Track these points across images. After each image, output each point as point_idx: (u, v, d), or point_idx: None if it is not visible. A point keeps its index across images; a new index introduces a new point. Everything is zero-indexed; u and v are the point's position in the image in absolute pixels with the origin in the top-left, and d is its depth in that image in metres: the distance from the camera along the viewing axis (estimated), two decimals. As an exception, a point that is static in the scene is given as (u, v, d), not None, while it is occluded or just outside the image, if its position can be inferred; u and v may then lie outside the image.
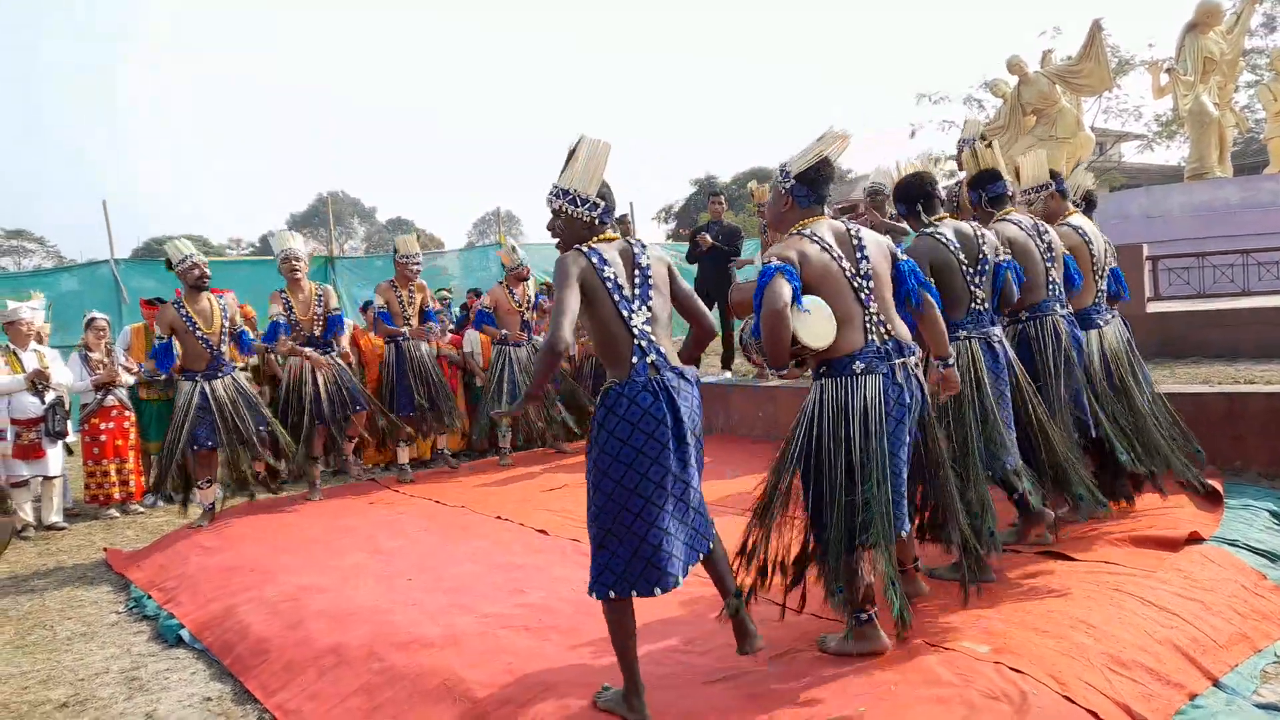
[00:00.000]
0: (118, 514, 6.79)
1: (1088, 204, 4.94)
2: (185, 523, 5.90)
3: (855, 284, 2.95)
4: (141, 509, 6.94)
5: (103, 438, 6.70)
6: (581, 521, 5.12)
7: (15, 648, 4.04)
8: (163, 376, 6.74)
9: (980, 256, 3.72)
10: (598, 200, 2.81)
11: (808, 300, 2.86)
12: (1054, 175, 4.64)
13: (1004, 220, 4.13)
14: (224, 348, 5.79)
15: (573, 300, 2.61)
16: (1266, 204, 10.94)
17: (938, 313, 3.23)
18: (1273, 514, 4.31)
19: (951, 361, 3.31)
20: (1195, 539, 3.87)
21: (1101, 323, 4.48)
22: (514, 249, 7.46)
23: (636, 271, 2.79)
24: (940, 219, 3.78)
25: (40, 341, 6.79)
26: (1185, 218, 11.25)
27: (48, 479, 6.46)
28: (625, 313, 2.70)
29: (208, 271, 5.72)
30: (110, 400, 6.75)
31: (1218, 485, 4.54)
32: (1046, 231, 4.16)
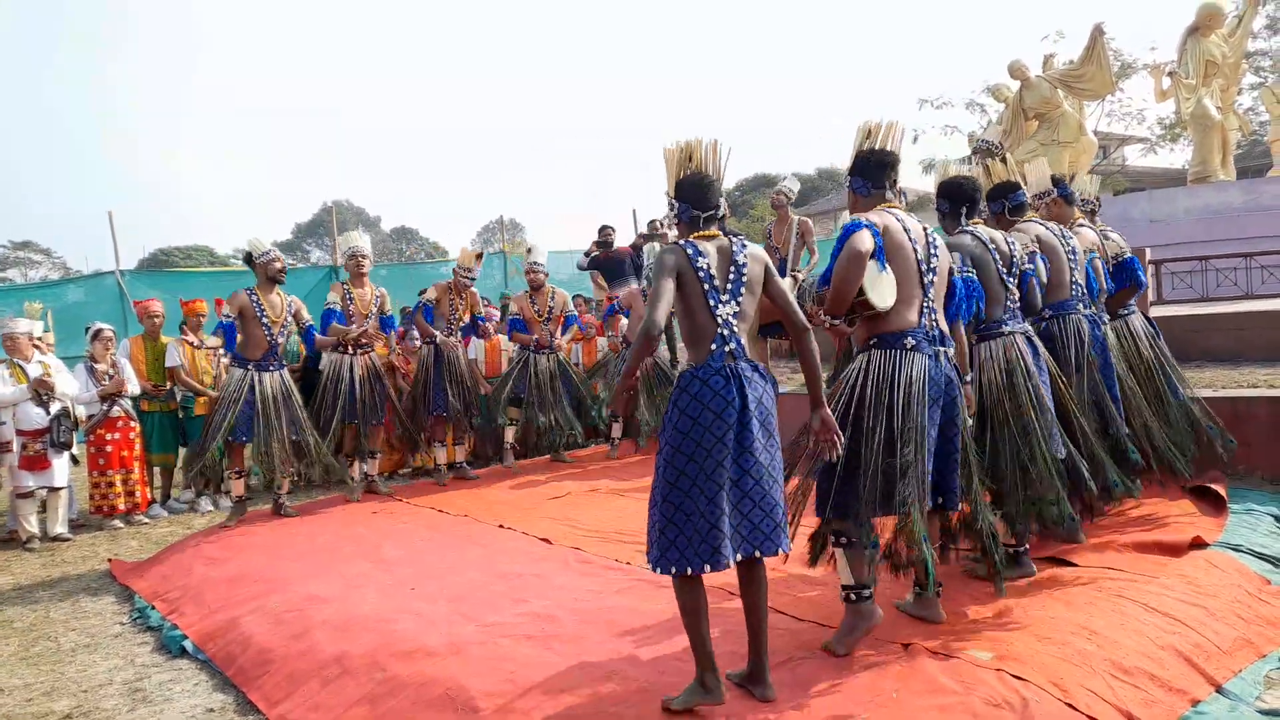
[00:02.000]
0: (122, 525, 6.79)
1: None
2: (189, 533, 5.92)
3: (922, 268, 3.17)
4: (146, 520, 6.95)
5: (108, 448, 6.72)
6: (584, 530, 5.17)
7: (19, 659, 4.05)
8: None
9: (1013, 260, 3.85)
10: (674, 201, 2.99)
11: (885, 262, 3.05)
12: (1057, 181, 4.70)
13: (1030, 222, 4.26)
14: (281, 339, 6.08)
15: (667, 290, 2.77)
16: (1270, 207, 10.92)
17: (964, 332, 3.48)
18: (1276, 519, 4.31)
19: (969, 379, 3.48)
20: (1199, 544, 3.86)
21: (1102, 323, 4.55)
22: (529, 250, 7.52)
23: (732, 268, 2.90)
24: (975, 224, 3.89)
25: (44, 351, 6.82)
26: (1188, 221, 11.23)
27: (53, 490, 6.48)
28: (713, 302, 2.83)
29: (284, 265, 6.14)
30: (116, 411, 6.77)
31: (1221, 490, 4.54)
32: (1070, 235, 4.33)
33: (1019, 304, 3.88)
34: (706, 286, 2.83)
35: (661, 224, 9.39)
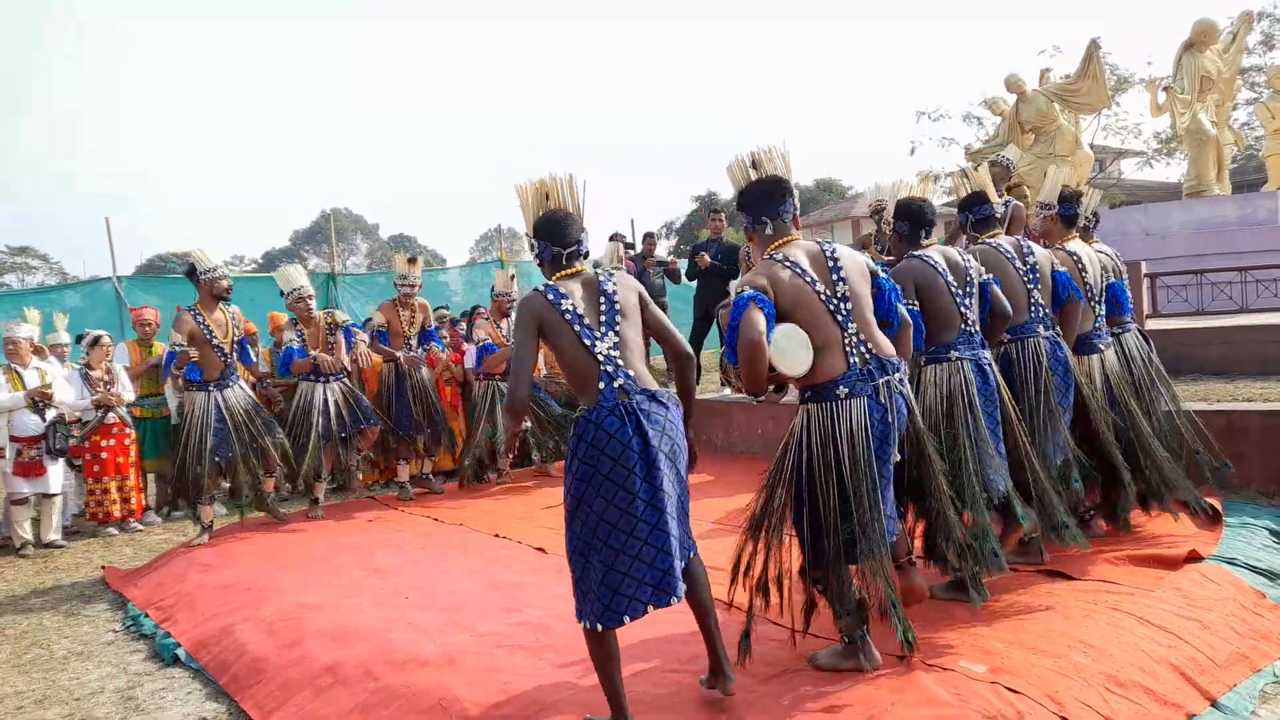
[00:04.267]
0: (117, 532, 6.78)
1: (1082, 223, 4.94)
2: (183, 541, 5.91)
3: (832, 306, 2.94)
4: (141, 526, 6.94)
5: (103, 455, 6.70)
6: (580, 539, 5.13)
7: (11, 667, 4.04)
8: (183, 381, 6.74)
9: (968, 280, 3.74)
10: (534, 241, 2.91)
11: (781, 329, 2.86)
12: (1065, 199, 4.56)
13: (982, 244, 4.14)
14: (235, 357, 5.93)
15: (526, 353, 2.74)
16: (1264, 221, 10.98)
17: (910, 334, 3.27)
18: (1271, 532, 4.31)
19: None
20: (1194, 557, 3.86)
21: (1103, 346, 4.47)
22: (512, 277, 7.41)
23: (602, 299, 2.81)
24: (929, 244, 3.80)
25: (44, 357, 6.82)
26: (1184, 235, 11.28)
27: (47, 496, 6.46)
28: (588, 341, 2.73)
29: (230, 284, 5.89)
30: (111, 418, 6.76)
31: (1217, 503, 4.54)
32: (1030, 253, 4.13)
33: (976, 327, 3.73)
34: (577, 328, 2.73)
35: (622, 237, 9.53)
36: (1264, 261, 9.53)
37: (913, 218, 3.81)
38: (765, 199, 3.02)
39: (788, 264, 2.94)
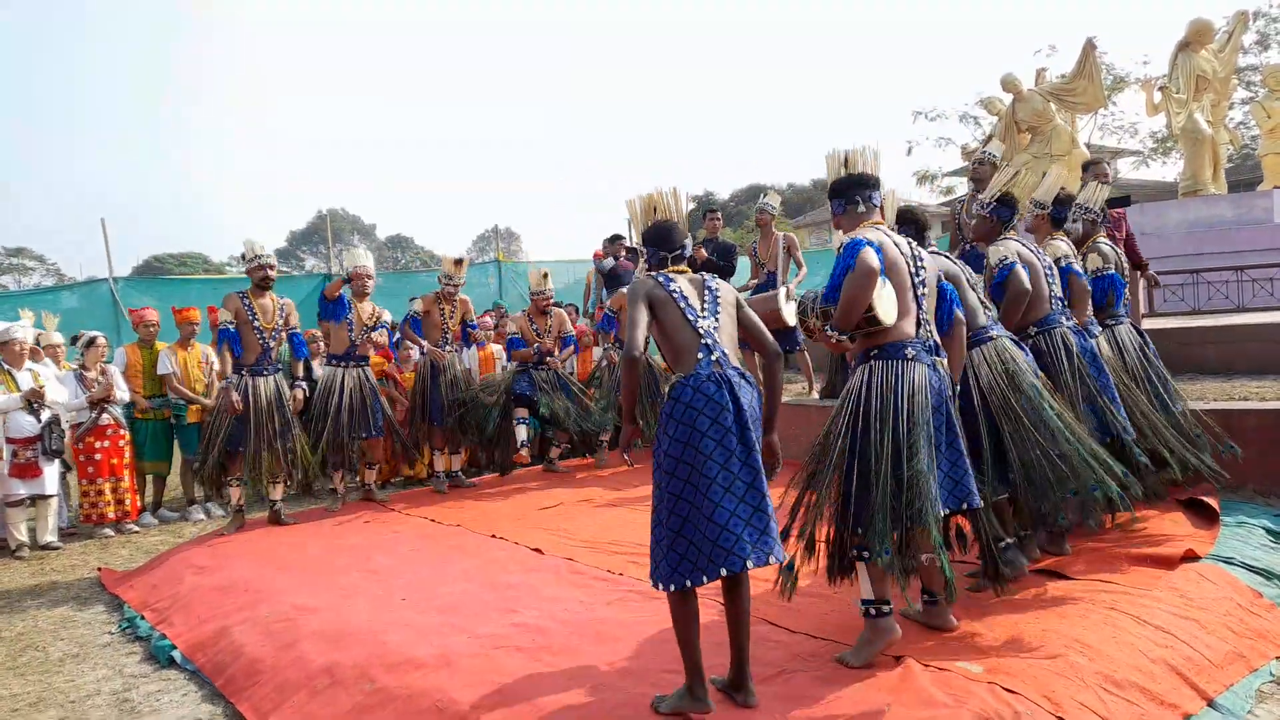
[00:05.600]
0: (112, 533, 6.76)
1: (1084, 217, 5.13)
2: (179, 541, 5.89)
3: (915, 282, 3.28)
4: (137, 528, 6.91)
5: (98, 456, 6.68)
6: (576, 540, 5.16)
7: (6, 669, 4.02)
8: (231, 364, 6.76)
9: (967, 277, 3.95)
10: (643, 248, 3.23)
11: (885, 279, 3.12)
12: (1060, 202, 4.79)
13: (1006, 239, 4.33)
14: (274, 343, 6.13)
15: (640, 315, 2.95)
16: (1260, 220, 11.00)
17: (964, 336, 3.53)
18: (1268, 531, 4.31)
19: (958, 388, 3.51)
20: (1191, 557, 3.86)
21: (1097, 332, 4.70)
22: (545, 276, 7.60)
23: (706, 292, 3.06)
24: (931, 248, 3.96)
25: (38, 359, 6.79)
26: (1180, 234, 11.30)
27: (43, 498, 6.44)
28: (691, 317, 2.96)
29: (272, 275, 6.15)
30: (105, 419, 6.74)
31: (1214, 502, 4.54)
32: (1043, 251, 4.41)
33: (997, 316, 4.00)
34: (683, 305, 2.97)
35: (622, 239, 9.61)
36: (1260, 260, 9.55)
37: (916, 225, 3.99)
38: (858, 185, 3.33)
39: (886, 234, 3.27)
